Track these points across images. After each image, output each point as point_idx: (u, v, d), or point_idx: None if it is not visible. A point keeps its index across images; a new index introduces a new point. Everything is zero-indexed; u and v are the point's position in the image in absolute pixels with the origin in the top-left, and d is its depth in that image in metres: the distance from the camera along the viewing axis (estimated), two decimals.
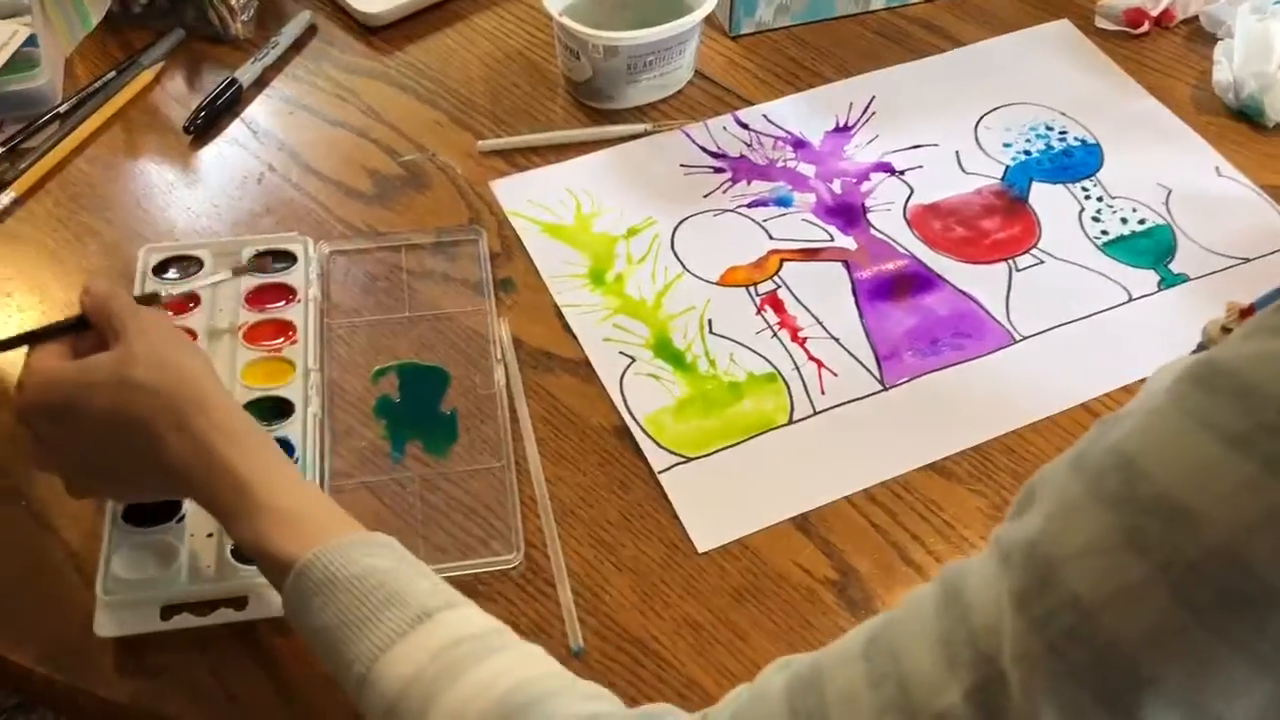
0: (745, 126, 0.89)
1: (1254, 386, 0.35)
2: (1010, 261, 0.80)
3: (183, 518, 0.64)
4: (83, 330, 0.59)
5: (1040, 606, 0.37)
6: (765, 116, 0.89)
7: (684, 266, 0.80)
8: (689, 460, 0.69)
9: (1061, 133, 0.89)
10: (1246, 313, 0.66)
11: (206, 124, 0.87)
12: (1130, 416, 0.39)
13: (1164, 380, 0.39)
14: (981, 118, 0.90)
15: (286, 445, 0.68)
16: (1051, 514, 0.39)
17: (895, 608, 0.44)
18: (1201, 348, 0.68)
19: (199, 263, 0.76)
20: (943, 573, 0.43)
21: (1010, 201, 0.84)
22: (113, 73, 0.89)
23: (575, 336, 0.76)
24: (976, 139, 0.88)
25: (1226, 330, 0.67)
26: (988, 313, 0.77)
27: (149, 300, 0.65)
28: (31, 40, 0.86)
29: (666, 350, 0.75)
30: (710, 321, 0.76)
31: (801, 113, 0.90)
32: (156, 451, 0.54)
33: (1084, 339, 0.76)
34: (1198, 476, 0.35)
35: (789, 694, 0.43)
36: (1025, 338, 0.76)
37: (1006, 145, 0.88)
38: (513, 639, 0.51)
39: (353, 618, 0.49)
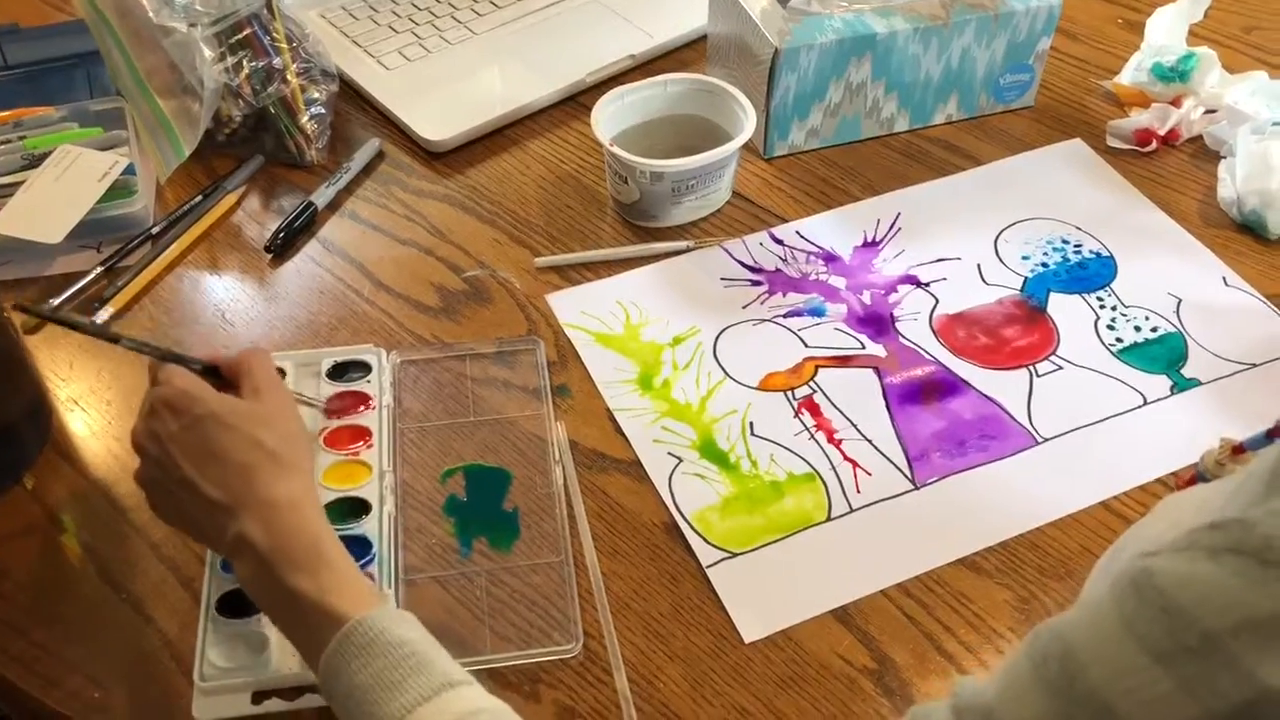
0: (780, 242, 0.96)
1: (1181, 608, 0.41)
2: (1031, 368, 0.86)
3: None
4: (208, 376, 0.68)
5: None
6: (798, 233, 0.96)
7: (726, 373, 0.86)
8: (735, 555, 0.75)
9: (1077, 246, 0.95)
10: (1237, 450, 0.70)
11: (285, 243, 0.95)
12: (1081, 606, 0.44)
13: (1133, 544, 0.45)
14: (1001, 232, 0.96)
15: (364, 542, 0.74)
16: (1004, 686, 0.45)
17: None
18: (1200, 477, 0.72)
19: (282, 373, 0.83)
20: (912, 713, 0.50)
21: (1030, 311, 0.90)
22: (199, 196, 0.98)
23: (627, 438, 0.82)
24: (997, 252, 0.95)
25: (1220, 464, 0.71)
26: (1011, 416, 0.83)
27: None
28: (129, 169, 0.95)
29: (711, 451, 0.81)
30: (751, 424, 0.82)
31: (832, 229, 0.97)
32: (247, 492, 0.61)
33: (1102, 441, 0.81)
34: (1124, 681, 0.41)
35: None
36: (1046, 439, 0.81)
37: (1025, 258, 0.94)
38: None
39: (386, 680, 0.55)
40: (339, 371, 0.84)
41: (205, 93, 0.94)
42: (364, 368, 0.84)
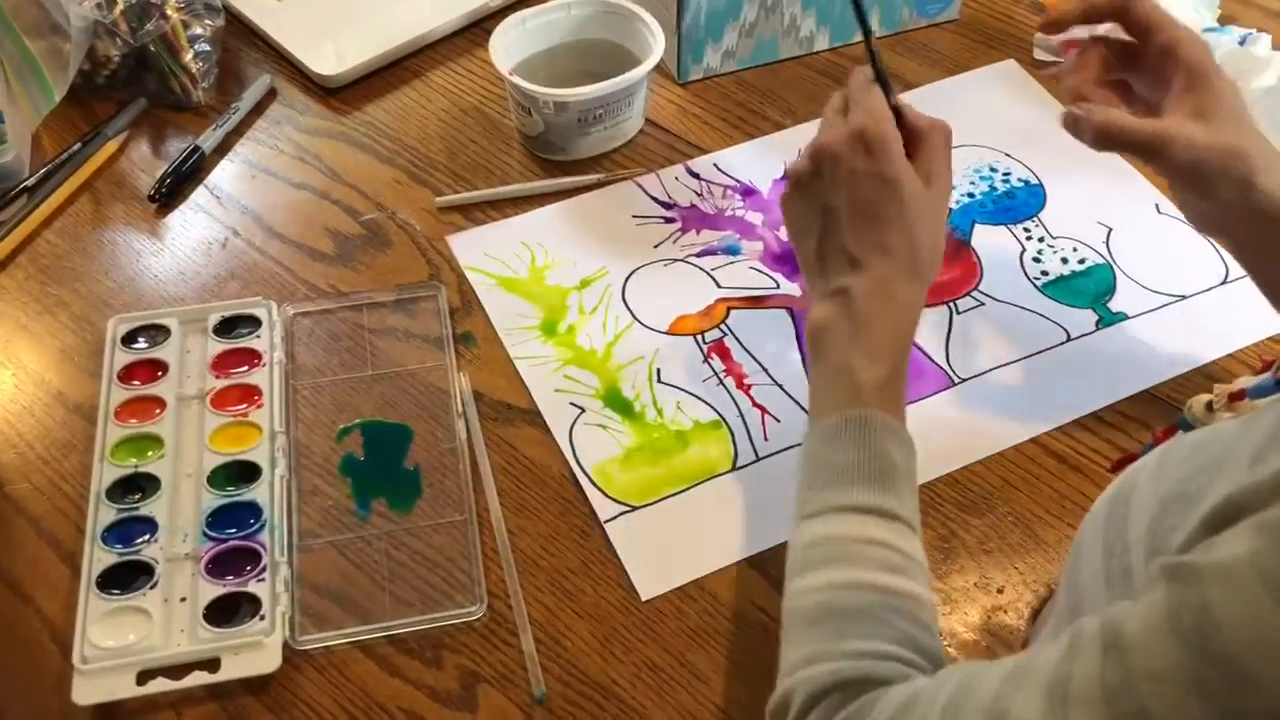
0: (696, 175, 0.92)
1: None
2: (951, 304, 0.83)
3: (155, 584, 0.67)
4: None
5: (1120, 704, 0.40)
6: (715, 165, 0.92)
7: (634, 317, 0.82)
8: (634, 509, 0.72)
9: (1005, 174, 0.92)
10: (1236, 397, 0.66)
11: (170, 192, 0.89)
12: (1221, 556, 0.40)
13: (1149, 505, 0.44)
14: None
15: (255, 508, 0.70)
16: (1142, 627, 0.41)
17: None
18: (1184, 424, 0.68)
19: (167, 331, 0.79)
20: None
21: (953, 245, 0.87)
22: (78, 144, 0.92)
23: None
24: None
25: (1211, 411, 0.67)
26: (928, 356, 0.80)
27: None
28: None
29: (615, 400, 0.77)
30: (659, 371, 0.79)
31: (751, 160, 0.93)
32: (873, 270, 0.62)
33: (1022, 380, 0.78)
34: (1265, 646, 0.37)
35: None
36: (964, 380, 0.78)
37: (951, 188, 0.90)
38: (906, 572, 0.57)
39: (830, 477, 0.60)
40: (227, 327, 0.79)
41: (74, 31, 0.88)
42: (253, 322, 0.80)
